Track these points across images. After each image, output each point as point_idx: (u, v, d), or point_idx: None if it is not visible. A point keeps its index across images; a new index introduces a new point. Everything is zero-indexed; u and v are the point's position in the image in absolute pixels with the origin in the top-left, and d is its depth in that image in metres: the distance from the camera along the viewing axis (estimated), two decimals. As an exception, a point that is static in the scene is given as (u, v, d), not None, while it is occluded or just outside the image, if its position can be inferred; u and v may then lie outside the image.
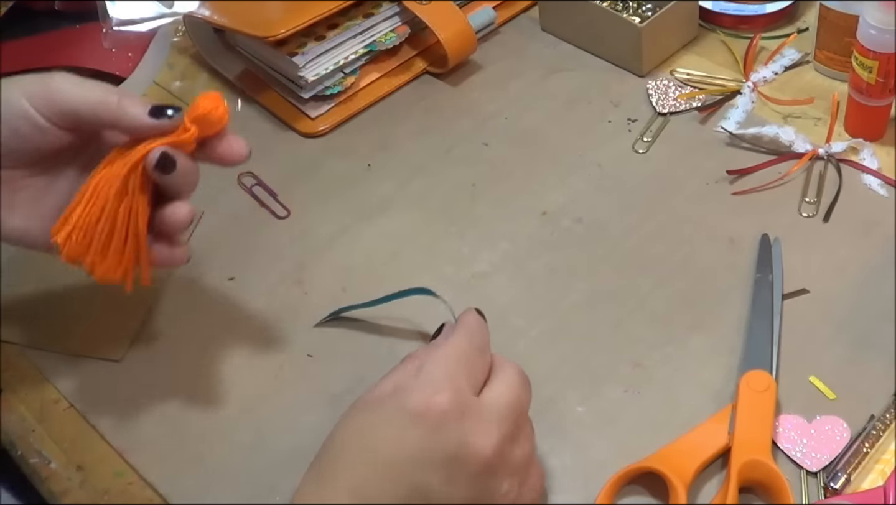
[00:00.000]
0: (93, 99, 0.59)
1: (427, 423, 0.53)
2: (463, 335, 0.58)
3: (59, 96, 0.59)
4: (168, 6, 0.95)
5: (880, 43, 0.73)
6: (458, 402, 0.53)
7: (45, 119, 0.59)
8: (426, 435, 0.52)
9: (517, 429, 0.56)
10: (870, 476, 0.60)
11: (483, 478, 0.53)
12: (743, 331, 0.67)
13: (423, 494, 0.52)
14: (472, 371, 0.56)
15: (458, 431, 0.53)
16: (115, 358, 0.70)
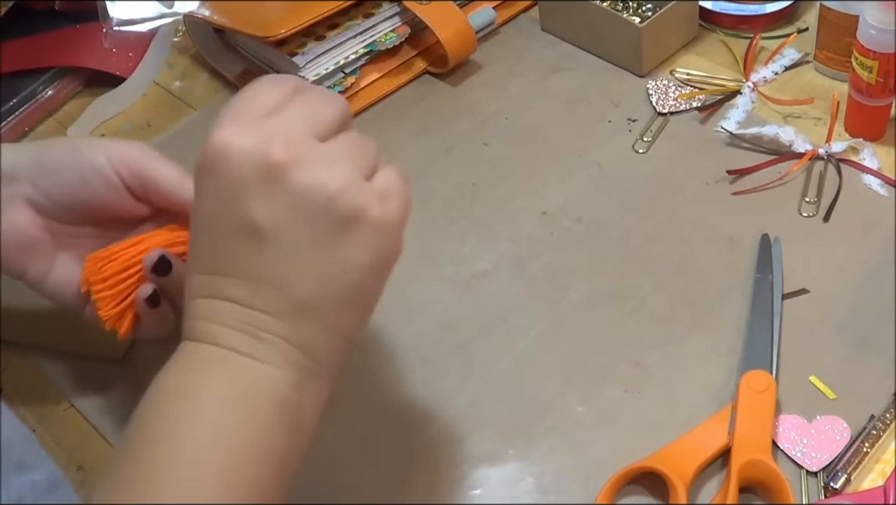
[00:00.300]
0: (170, 177, 0.60)
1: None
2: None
3: (140, 165, 0.60)
4: (168, 6, 0.95)
5: (880, 43, 0.73)
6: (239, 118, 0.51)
7: (119, 178, 0.60)
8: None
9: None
10: (870, 476, 0.60)
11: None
12: (743, 331, 0.67)
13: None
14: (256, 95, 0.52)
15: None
16: (115, 358, 0.70)
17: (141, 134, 0.88)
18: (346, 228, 0.50)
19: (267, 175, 0.49)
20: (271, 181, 0.49)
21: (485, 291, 0.72)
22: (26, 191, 0.61)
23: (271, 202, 0.49)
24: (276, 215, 0.49)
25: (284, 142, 0.49)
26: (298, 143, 0.50)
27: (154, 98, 0.92)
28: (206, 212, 0.51)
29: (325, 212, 0.49)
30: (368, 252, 0.50)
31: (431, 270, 0.74)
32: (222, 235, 0.50)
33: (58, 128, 0.90)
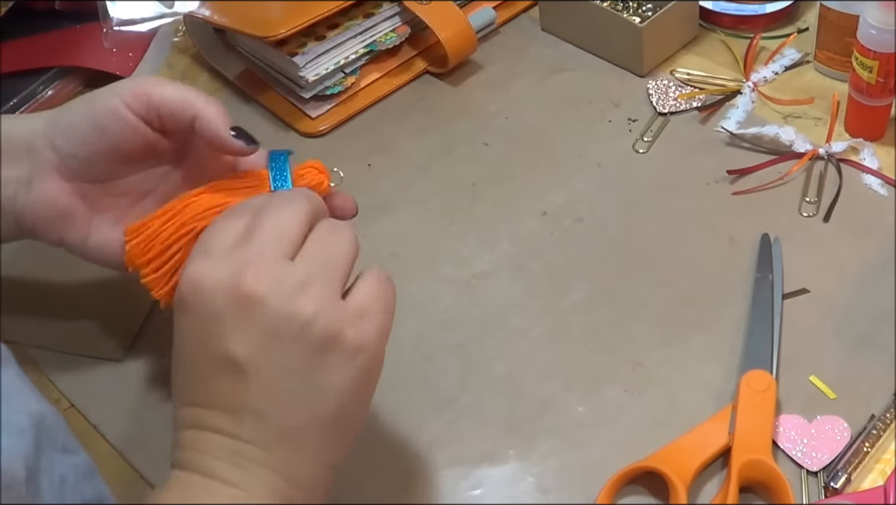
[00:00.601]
0: (178, 95, 0.60)
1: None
2: None
3: (148, 90, 0.60)
4: (168, 6, 0.95)
5: (880, 43, 0.73)
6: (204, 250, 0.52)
7: (133, 114, 0.60)
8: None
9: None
10: (870, 476, 0.60)
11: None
12: (743, 331, 0.67)
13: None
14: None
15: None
16: (115, 358, 0.70)
17: (141, 134, 0.88)
18: (323, 353, 0.50)
19: (240, 306, 0.50)
20: (245, 312, 0.50)
21: (485, 291, 0.72)
22: (49, 157, 0.61)
23: (247, 333, 0.50)
24: (252, 346, 0.50)
25: (254, 270, 0.50)
26: (268, 269, 0.50)
27: (154, 98, 0.92)
28: (185, 347, 0.52)
29: (300, 339, 0.50)
30: (347, 375, 0.51)
31: (431, 270, 0.74)
32: (202, 369, 0.51)
33: (58, 128, 0.90)
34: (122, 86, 0.61)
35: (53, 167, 0.61)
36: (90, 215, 0.63)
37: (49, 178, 0.61)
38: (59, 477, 0.51)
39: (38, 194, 0.61)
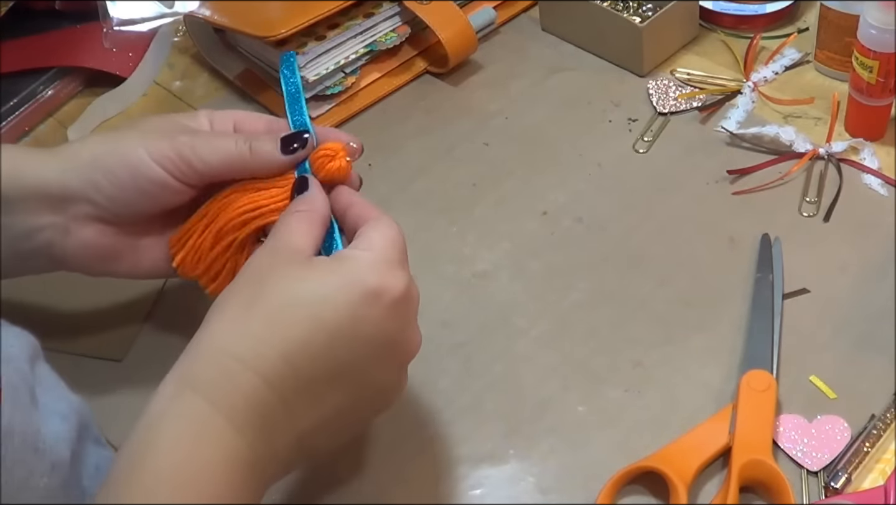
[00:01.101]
0: (227, 155, 0.59)
1: (381, 303, 0.52)
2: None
3: (193, 157, 0.59)
4: (168, 6, 0.95)
5: (881, 43, 0.73)
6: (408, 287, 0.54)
7: (176, 180, 0.59)
8: (378, 314, 0.52)
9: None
10: (870, 476, 0.60)
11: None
12: (743, 330, 0.67)
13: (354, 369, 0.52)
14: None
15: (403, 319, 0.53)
16: (115, 358, 0.70)
17: (141, 134, 0.88)
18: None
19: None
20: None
21: (485, 290, 0.72)
22: (86, 210, 0.60)
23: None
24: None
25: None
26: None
27: (154, 98, 0.92)
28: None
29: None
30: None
31: (431, 269, 0.73)
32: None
33: (58, 128, 0.90)
34: (159, 150, 0.59)
35: (92, 216, 0.60)
36: (135, 245, 0.62)
37: (88, 224, 0.60)
38: (95, 466, 0.52)
39: (78, 240, 0.61)
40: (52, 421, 0.49)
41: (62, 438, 0.49)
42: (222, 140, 0.60)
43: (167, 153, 0.59)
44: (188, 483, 0.46)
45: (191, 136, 0.60)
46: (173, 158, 0.59)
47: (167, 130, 0.60)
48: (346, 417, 0.53)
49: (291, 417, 0.50)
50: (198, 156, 0.59)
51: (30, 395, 0.48)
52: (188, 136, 0.60)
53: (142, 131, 0.60)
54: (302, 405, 0.50)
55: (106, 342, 0.71)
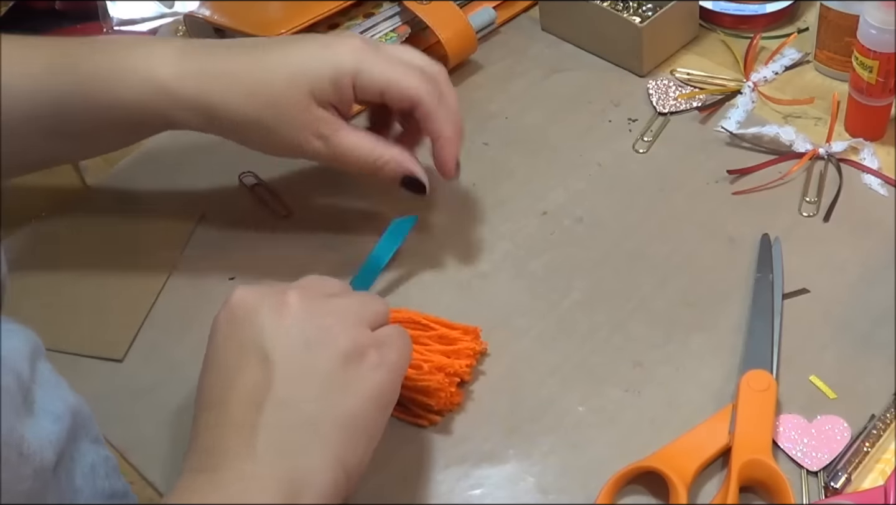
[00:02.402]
0: (358, 159, 0.68)
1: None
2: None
3: (333, 138, 0.68)
4: (168, 6, 0.95)
5: (881, 43, 0.73)
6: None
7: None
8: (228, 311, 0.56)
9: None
10: (870, 475, 0.60)
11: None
12: (743, 330, 0.67)
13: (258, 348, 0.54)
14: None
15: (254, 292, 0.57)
16: (115, 358, 0.70)
17: (141, 134, 0.88)
18: (347, 363, 0.54)
19: (279, 308, 0.55)
20: (282, 315, 0.55)
21: (485, 291, 0.72)
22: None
23: (279, 331, 0.54)
24: (283, 342, 0.54)
25: (299, 291, 0.57)
26: (312, 295, 0.57)
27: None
28: (218, 351, 0.56)
29: (328, 347, 0.54)
30: (368, 383, 0.55)
31: (432, 269, 0.73)
32: (230, 365, 0.55)
33: (58, 128, 0.90)
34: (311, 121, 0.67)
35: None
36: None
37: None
38: (90, 465, 0.52)
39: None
40: (43, 422, 0.48)
41: (50, 441, 0.48)
42: (364, 143, 0.68)
43: (312, 128, 0.67)
44: None
45: (337, 125, 0.67)
46: (316, 134, 0.67)
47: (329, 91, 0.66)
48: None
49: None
50: (338, 140, 0.67)
51: (23, 397, 0.48)
52: (335, 125, 0.67)
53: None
54: None
55: (106, 342, 0.71)
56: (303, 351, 0.54)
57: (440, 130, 0.68)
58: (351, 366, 0.54)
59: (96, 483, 0.52)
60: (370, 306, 0.59)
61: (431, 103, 0.67)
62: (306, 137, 0.67)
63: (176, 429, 0.66)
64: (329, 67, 0.66)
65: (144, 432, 0.66)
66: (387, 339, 0.57)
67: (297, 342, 0.54)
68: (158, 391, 0.68)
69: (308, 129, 0.66)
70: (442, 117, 0.68)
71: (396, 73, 0.67)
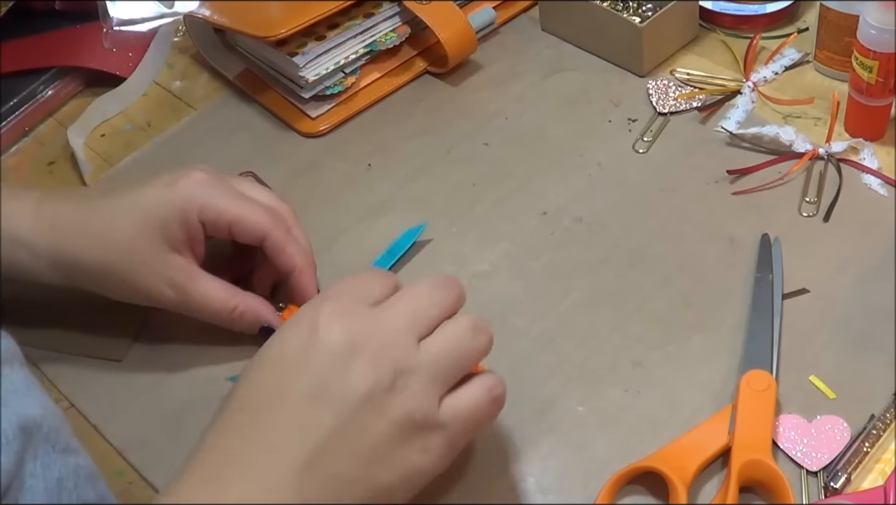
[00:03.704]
0: (213, 312, 0.67)
1: (312, 326, 0.54)
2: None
3: (188, 287, 0.66)
4: (168, 6, 0.95)
5: (881, 43, 0.73)
6: (339, 305, 0.54)
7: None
8: (312, 335, 0.53)
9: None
10: (870, 476, 0.60)
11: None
12: (743, 331, 0.67)
13: (324, 389, 0.52)
14: (359, 286, 0.56)
15: (343, 327, 0.54)
16: (115, 358, 0.70)
17: (141, 134, 0.88)
18: (400, 434, 0.53)
19: (348, 356, 0.53)
20: (348, 362, 0.52)
21: (485, 290, 0.72)
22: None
23: (341, 377, 0.52)
24: (339, 388, 0.52)
25: (381, 338, 0.53)
26: (393, 339, 0.54)
27: (154, 98, 0.92)
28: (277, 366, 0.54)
29: (384, 409, 0.52)
30: (411, 466, 0.53)
31: (432, 269, 0.73)
32: (285, 396, 0.52)
33: (58, 128, 0.90)
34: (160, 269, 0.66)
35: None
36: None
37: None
38: (56, 479, 0.51)
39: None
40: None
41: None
42: (216, 294, 0.66)
43: (166, 280, 0.66)
44: None
45: (189, 273, 0.65)
46: (169, 282, 0.65)
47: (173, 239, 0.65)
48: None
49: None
50: (190, 290, 0.65)
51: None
52: (187, 273, 0.65)
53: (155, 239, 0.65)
54: None
55: (106, 342, 0.71)
56: (365, 408, 0.52)
57: (293, 263, 0.67)
58: (401, 439, 0.53)
59: (62, 496, 0.51)
60: (470, 342, 0.56)
61: (280, 237, 0.66)
62: (158, 286, 0.65)
63: (176, 429, 0.66)
64: (175, 208, 0.64)
65: (144, 432, 0.66)
66: (451, 422, 0.54)
67: (352, 397, 0.52)
68: (158, 391, 0.68)
69: (160, 277, 0.65)
70: (292, 250, 0.67)
71: (244, 208, 0.66)
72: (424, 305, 0.56)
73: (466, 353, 0.56)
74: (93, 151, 0.87)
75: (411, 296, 0.56)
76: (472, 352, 0.56)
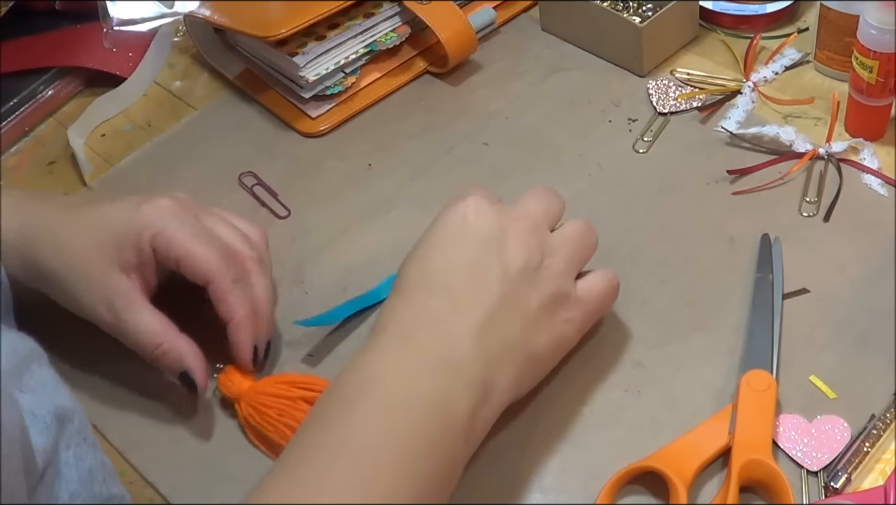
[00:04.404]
0: (143, 343, 0.65)
1: (465, 216, 0.63)
2: None
3: (124, 314, 0.65)
4: (168, 6, 0.95)
5: (881, 43, 0.73)
6: (482, 198, 0.63)
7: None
8: (467, 222, 0.62)
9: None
10: (870, 476, 0.60)
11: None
12: (743, 331, 0.67)
13: (487, 266, 0.60)
14: (491, 193, 0.65)
15: (493, 215, 0.63)
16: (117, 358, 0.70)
17: (141, 134, 0.88)
18: (546, 307, 0.61)
19: (500, 239, 0.61)
20: (500, 247, 0.61)
21: (485, 290, 0.72)
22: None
23: (498, 256, 0.60)
24: (497, 264, 0.60)
25: (521, 222, 0.63)
26: (532, 224, 0.63)
27: (154, 98, 0.92)
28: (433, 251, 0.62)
29: (535, 283, 0.61)
30: (557, 333, 0.62)
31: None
32: (466, 257, 0.61)
33: (58, 128, 0.90)
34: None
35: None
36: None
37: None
38: (88, 470, 0.51)
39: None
40: (31, 431, 0.48)
41: (38, 450, 0.48)
42: (147, 327, 0.65)
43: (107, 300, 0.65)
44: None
45: (129, 299, 0.64)
46: (107, 304, 0.65)
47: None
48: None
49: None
50: (124, 316, 0.64)
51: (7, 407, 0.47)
52: (127, 298, 0.64)
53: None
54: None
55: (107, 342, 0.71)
56: (522, 281, 0.60)
57: (230, 314, 0.65)
58: (551, 310, 0.61)
59: (94, 487, 0.52)
60: (586, 236, 0.65)
61: (222, 286, 0.64)
62: (96, 305, 0.64)
63: (176, 429, 0.66)
64: (131, 231, 0.64)
65: (144, 432, 0.66)
66: (585, 300, 0.63)
67: (519, 267, 0.60)
68: (158, 391, 0.68)
69: (100, 297, 0.64)
70: (233, 301, 0.65)
71: (195, 247, 0.64)
72: (552, 201, 0.65)
73: (588, 243, 0.65)
74: (93, 151, 0.87)
75: (538, 194, 0.65)
76: (591, 244, 0.65)
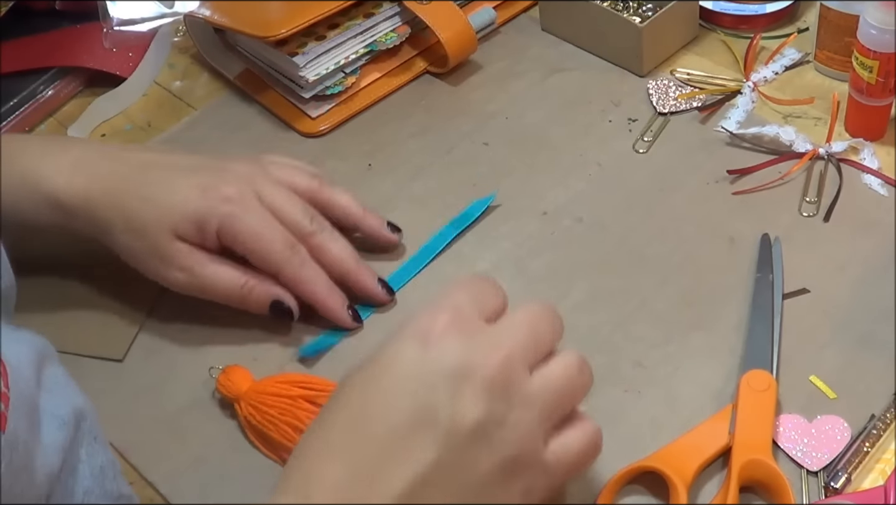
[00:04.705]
0: (225, 291, 0.68)
1: (425, 340, 0.50)
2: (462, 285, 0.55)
3: (198, 269, 0.68)
4: (168, 6, 0.95)
5: (881, 43, 0.73)
6: (457, 319, 0.51)
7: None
8: (423, 352, 0.50)
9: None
10: (870, 475, 0.60)
11: (492, 399, 0.49)
12: (743, 330, 0.67)
13: (432, 415, 0.48)
14: (478, 296, 0.53)
15: (459, 347, 0.50)
16: (115, 358, 0.70)
17: (142, 134, 0.88)
18: (502, 474, 0.49)
19: (461, 379, 0.49)
20: (461, 385, 0.49)
21: (485, 290, 0.72)
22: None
23: (465, 400, 0.49)
24: (454, 417, 0.49)
25: (496, 362, 0.50)
26: (510, 367, 0.50)
27: (154, 98, 0.92)
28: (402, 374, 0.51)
29: (494, 445, 0.49)
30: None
31: (432, 269, 0.73)
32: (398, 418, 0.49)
33: (58, 128, 0.90)
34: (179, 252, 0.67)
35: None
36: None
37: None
38: (100, 467, 0.52)
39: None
40: (48, 429, 0.48)
41: (57, 448, 0.48)
42: (226, 273, 0.67)
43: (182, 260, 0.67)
44: None
45: (197, 257, 0.67)
46: (177, 264, 0.67)
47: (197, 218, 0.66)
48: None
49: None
50: (198, 271, 0.67)
51: (30, 406, 0.48)
52: (195, 257, 0.67)
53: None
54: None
55: (106, 342, 0.71)
56: (471, 441, 0.49)
57: (307, 296, 0.68)
58: (504, 478, 0.49)
59: (105, 485, 0.52)
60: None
61: (292, 273, 0.67)
62: (169, 269, 0.67)
63: (176, 429, 0.66)
64: (197, 213, 0.66)
65: (144, 432, 0.66)
66: (555, 466, 0.52)
67: (471, 423, 0.49)
68: (158, 391, 0.68)
69: (171, 262, 0.67)
70: (306, 282, 0.67)
71: (261, 239, 0.66)
72: (542, 331, 0.53)
73: (577, 390, 0.53)
74: (93, 151, 0.87)
75: (528, 318, 0.53)
76: (580, 390, 0.53)
